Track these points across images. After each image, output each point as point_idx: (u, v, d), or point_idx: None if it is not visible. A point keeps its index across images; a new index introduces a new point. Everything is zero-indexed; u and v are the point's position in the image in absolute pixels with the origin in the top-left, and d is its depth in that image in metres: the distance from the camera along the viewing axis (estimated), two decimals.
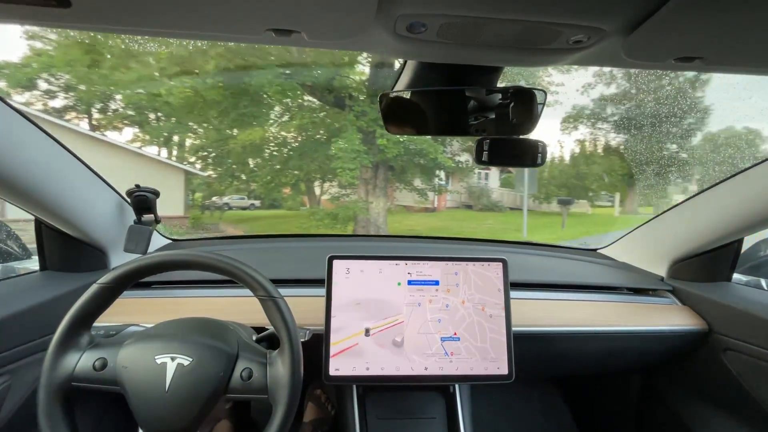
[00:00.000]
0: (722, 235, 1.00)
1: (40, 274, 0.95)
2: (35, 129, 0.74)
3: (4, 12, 0.45)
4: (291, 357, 0.63)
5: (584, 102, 20.65)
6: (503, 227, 10.71)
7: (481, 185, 16.06)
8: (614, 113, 18.22)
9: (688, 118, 20.27)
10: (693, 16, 0.42)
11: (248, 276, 0.64)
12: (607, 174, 16.43)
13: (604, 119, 18.27)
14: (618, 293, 1.14)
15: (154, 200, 1.00)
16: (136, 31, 0.52)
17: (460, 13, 0.45)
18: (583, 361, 1.09)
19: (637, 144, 19.42)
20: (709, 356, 1.04)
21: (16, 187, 0.74)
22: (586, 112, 18.38)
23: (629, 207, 18.71)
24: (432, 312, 0.87)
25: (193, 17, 0.46)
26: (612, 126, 18.06)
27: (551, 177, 16.31)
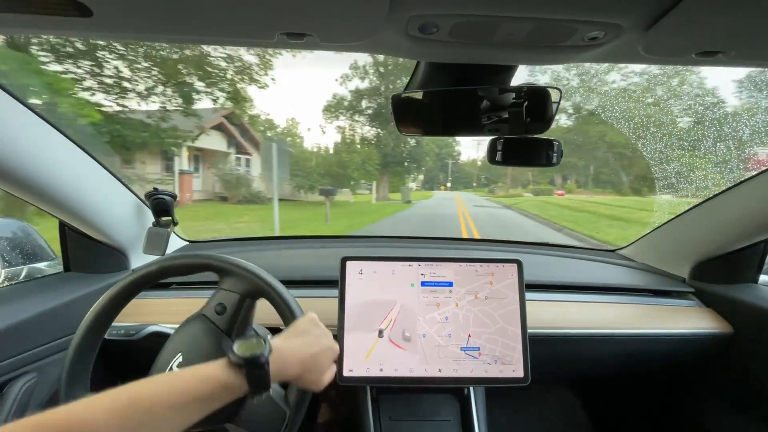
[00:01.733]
0: (748, 234, 0.96)
1: (63, 274, 0.98)
2: (58, 133, 0.77)
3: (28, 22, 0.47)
4: None
5: (343, 92, 20.29)
6: (260, 225, 9.03)
7: (240, 172, 13.60)
8: (368, 107, 19.43)
9: None
10: (714, 8, 0.41)
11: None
12: (366, 162, 16.66)
13: (360, 111, 19.50)
14: (637, 295, 1.11)
15: (171, 203, 1.03)
16: (155, 38, 0.53)
17: (472, 12, 0.44)
18: (602, 364, 1.07)
19: (387, 136, 19.16)
20: (734, 361, 1.01)
21: (41, 191, 0.77)
22: (345, 103, 19.19)
23: (382, 194, 20.58)
24: (446, 313, 0.86)
25: (208, 23, 0.47)
26: (367, 119, 19.62)
27: (316, 165, 16.07)
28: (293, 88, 43.71)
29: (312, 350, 0.58)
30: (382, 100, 19.90)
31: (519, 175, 36.29)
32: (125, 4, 0.43)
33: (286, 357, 0.54)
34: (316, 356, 0.58)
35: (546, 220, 12.26)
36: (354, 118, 19.79)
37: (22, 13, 0.44)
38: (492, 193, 36.83)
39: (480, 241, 1.52)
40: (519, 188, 33.98)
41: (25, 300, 0.81)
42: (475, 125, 0.75)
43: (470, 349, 0.85)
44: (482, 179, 55.86)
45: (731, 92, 6.97)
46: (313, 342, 0.59)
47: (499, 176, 44.34)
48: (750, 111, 9.08)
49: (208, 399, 0.46)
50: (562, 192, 29.67)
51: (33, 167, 0.73)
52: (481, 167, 59.70)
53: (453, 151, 63.04)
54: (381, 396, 0.94)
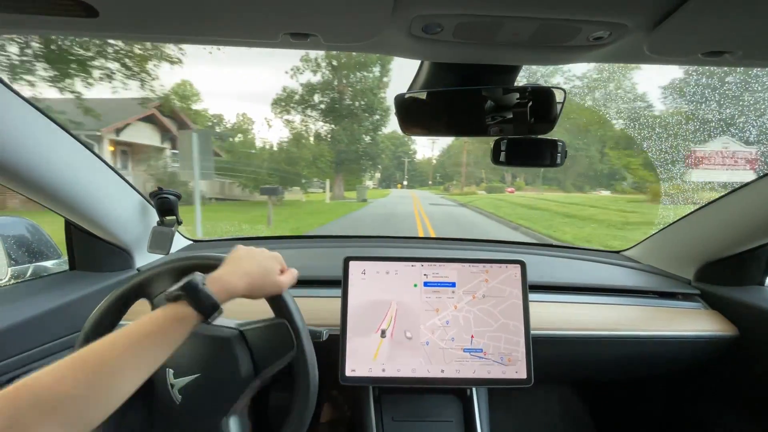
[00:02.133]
0: (754, 236, 0.95)
1: (69, 273, 0.99)
2: (64, 133, 0.78)
3: (35, 23, 0.47)
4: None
5: (294, 86, 19.58)
6: (186, 227, 8.55)
7: (176, 169, 11.95)
8: (321, 101, 19.02)
9: (375, 115, 19.62)
10: (721, 8, 0.41)
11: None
12: (317, 159, 16.05)
13: (312, 106, 18.91)
14: (642, 296, 1.10)
15: (176, 202, 1.04)
16: (160, 39, 0.53)
17: (476, 12, 0.44)
18: (606, 366, 1.06)
19: (341, 133, 18.76)
20: (740, 364, 0.99)
21: (47, 190, 0.78)
22: (296, 97, 18.58)
23: (337, 193, 19.92)
24: (446, 318, 0.86)
25: (213, 24, 0.48)
26: (320, 114, 19.20)
27: (262, 162, 15.25)
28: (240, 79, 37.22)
29: (251, 263, 0.61)
30: (335, 94, 19.35)
31: (472, 173, 37.02)
32: (131, 5, 0.43)
33: (225, 278, 0.57)
34: (259, 264, 0.62)
35: (501, 218, 12.18)
36: (306, 113, 19.18)
37: (29, 13, 0.44)
38: (447, 191, 37.00)
39: (483, 241, 1.51)
40: (473, 186, 34.42)
41: (31, 298, 0.82)
42: (478, 126, 0.75)
43: (473, 350, 0.84)
44: (437, 177, 56.30)
45: (657, 97, 7.02)
46: (249, 257, 0.62)
47: (453, 174, 44.89)
48: (673, 115, 9.13)
49: (160, 334, 0.48)
50: (512, 189, 30.36)
51: (40, 167, 0.73)
52: (436, 166, 59.98)
53: (409, 149, 62.94)
54: (383, 396, 0.94)
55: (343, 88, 19.57)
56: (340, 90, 19.52)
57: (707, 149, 9.39)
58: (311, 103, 19.23)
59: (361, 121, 20.32)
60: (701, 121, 8.93)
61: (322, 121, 19.57)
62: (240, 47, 0.56)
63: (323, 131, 19.74)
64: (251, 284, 0.59)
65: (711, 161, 9.13)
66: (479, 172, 36.69)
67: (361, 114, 20.22)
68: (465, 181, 34.09)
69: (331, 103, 19.50)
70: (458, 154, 41.25)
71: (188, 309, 0.51)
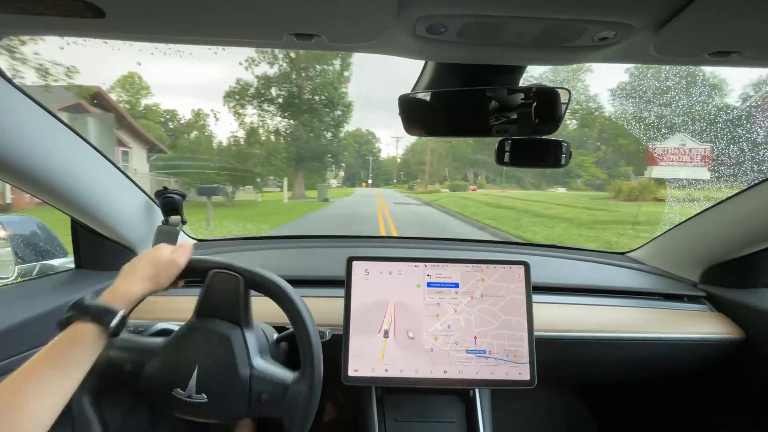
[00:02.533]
0: (761, 238, 0.94)
1: (75, 271, 1.00)
2: (71, 132, 0.78)
3: (42, 24, 0.48)
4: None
5: (249, 78, 18.54)
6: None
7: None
8: (279, 95, 17.88)
9: (336, 111, 18.82)
10: (728, 7, 0.40)
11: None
12: (271, 156, 15.18)
13: (269, 100, 17.80)
14: (648, 298, 1.10)
15: (180, 202, 1.04)
16: (166, 39, 0.54)
17: (480, 12, 0.44)
18: (610, 368, 1.05)
19: (299, 129, 17.69)
20: (746, 367, 0.98)
21: (54, 189, 0.78)
22: (251, 91, 17.40)
23: (297, 192, 18.83)
24: (452, 314, 0.86)
25: (218, 25, 0.48)
26: (278, 108, 18.04)
27: (209, 158, 14.14)
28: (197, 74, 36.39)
29: (141, 263, 0.62)
30: (294, 88, 18.21)
31: (436, 172, 36.37)
32: (137, 6, 0.43)
33: (118, 286, 0.58)
34: (149, 260, 0.63)
35: (467, 218, 11.70)
36: (263, 108, 17.93)
37: (37, 15, 0.44)
38: (411, 189, 36.36)
39: (488, 242, 1.51)
40: (437, 184, 33.74)
41: (38, 296, 0.83)
42: (483, 126, 0.75)
43: (476, 351, 0.84)
44: (402, 176, 55.20)
45: (607, 99, 7.02)
46: (139, 259, 0.64)
47: (417, 173, 43.91)
48: (621, 117, 9.25)
49: (60, 359, 0.50)
50: (474, 187, 29.97)
51: (47, 166, 0.74)
52: (401, 164, 58.63)
53: (374, 147, 62.28)
54: (386, 396, 0.94)
55: (302, 81, 18.49)
56: (299, 83, 18.49)
57: (666, 146, 9.41)
58: (268, 96, 18.31)
59: (321, 117, 19.26)
60: (647, 123, 9.17)
61: (280, 116, 18.52)
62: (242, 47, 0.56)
63: (281, 127, 18.68)
64: (148, 280, 0.61)
65: (668, 158, 9.16)
66: (443, 170, 36.47)
67: (322, 109, 19.13)
68: (429, 179, 33.82)
69: (289, 97, 18.41)
70: (422, 153, 40.75)
71: (85, 326, 0.52)
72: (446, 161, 35.34)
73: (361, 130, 62.16)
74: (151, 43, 0.59)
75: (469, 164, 34.52)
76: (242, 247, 1.32)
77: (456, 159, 34.17)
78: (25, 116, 0.69)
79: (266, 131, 18.31)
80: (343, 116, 20.06)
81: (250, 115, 17.52)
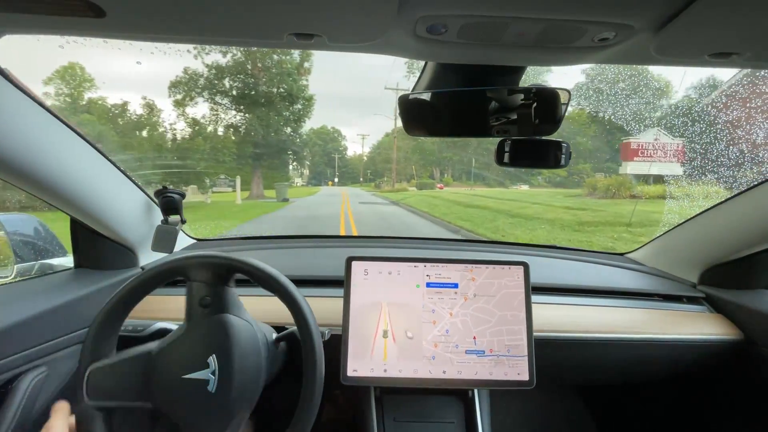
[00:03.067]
0: (760, 239, 0.94)
1: (74, 271, 1.00)
2: (70, 131, 0.78)
3: (42, 23, 0.48)
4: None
5: (199, 67, 17.09)
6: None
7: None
8: (232, 86, 16.30)
9: (296, 104, 17.35)
10: (729, 8, 0.40)
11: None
12: (218, 152, 13.66)
13: (222, 92, 16.13)
14: (647, 299, 1.10)
15: (180, 201, 1.04)
16: (167, 39, 0.54)
17: (481, 13, 0.44)
18: (609, 369, 1.05)
19: (255, 123, 16.19)
20: (745, 368, 0.99)
21: (53, 188, 0.78)
22: (201, 81, 15.72)
23: (256, 192, 17.10)
24: (445, 327, 0.86)
25: (218, 24, 0.48)
26: (231, 100, 16.47)
27: (142, 155, 13.04)
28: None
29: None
30: (249, 79, 16.62)
31: (403, 170, 35.30)
32: (138, 5, 0.43)
33: None
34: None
35: (438, 219, 10.69)
36: (215, 100, 16.26)
37: (36, 14, 0.44)
38: (378, 188, 34.67)
39: (487, 242, 1.51)
40: (404, 183, 32.54)
41: (37, 295, 0.83)
42: (483, 126, 0.75)
43: (476, 351, 0.84)
44: (368, 174, 52.94)
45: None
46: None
47: (384, 171, 42.27)
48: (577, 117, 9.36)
49: None
50: (441, 185, 29.15)
51: (46, 164, 0.74)
52: (367, 162, 56.66)
53: (340, 145, 60.67)
54: (385, 396, 0.94)
55: (258, 71, 16.79)
56: (254, 74, 16.79)
57: (640, 140, 9.20)
58: (219, 88, 16.48)
59: (279, 111, 17.43)
60: (602, 122, 9.25)
61: (235, 109, 16.94)
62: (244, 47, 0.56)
63: (234, 121, 17.03)
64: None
65: (642, 154, 8.99)
66: (410, 169, 35.68)
67: (280, 102, 17.26)
68: (396, 177, 32.30)
69: (243, 89, 16.68)
70: (389, 150, 38.84)
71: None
72: (413, 159, 34.48)
73: (326, 128, 60.86)
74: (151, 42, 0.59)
75: (435, 162, 33.94)
76: (241, 246, 1.32)
77: (423, 157, 33.51)
78: (24, 114, 0.68)
79: (214, 124, 16.42)
80: (304, 110, 18.33)
81: (196, 106, 15.82)
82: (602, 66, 8.12)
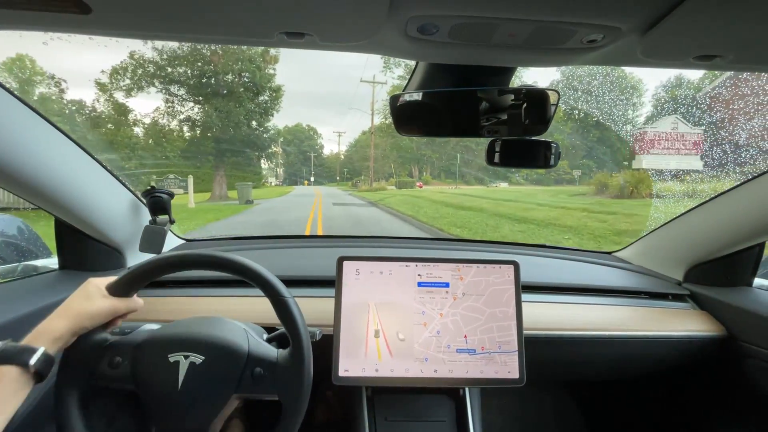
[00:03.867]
0: (743, 238, 0.97)
1: (59, 272, 0.97)
2: (54, 129, 0.76)
3: (27, 19, 0.47)
4: (301, 356, 0.63)
5: (147, 52, 14.45)
6: None
7: None
8: (186, 73, 14.40)
9: (262, 95, 15.88)
10: (713, 12, 0.41)
11: (260, 276, 0.65)
12: (159, 147, 12.01)
13: (175, 80, 14.37)
14: (633, 297, 1.12)
15: (168, 201, 1.03)
16: (153, 36, 0.53)
17: (472, 13, 0.44)
18: (597, 366, 1.07)
19: (212, 115, 14.57)
20: (728, 364, 1.01)
21: (37, 188, 0.76)
22: (150, 69, 13.99)
23: (218, 192, 15.19)
24: (442, 314, 0.86)
25: (207, 22, 0.47)
26: (187, 90, 14.67)
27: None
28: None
29: (74, 296, 0.61)
30: (207, 66, 15.03)
31: (380, 168, 33.87)
32: (124, 2, 0.42)
33: (41, 324, 0.57)
34: (72, 298, 0.61)
35: (427, 225, 9.06)
36: (169, 90, 14.45)
37: (21, 9, 0.43)
38: (355, 187, 32.34)
39: (478, 242, 1.52)
40: (382, 182, 30.59)
41: (20, 298, 0.81)
42: (473, 126, 0.75)
43: (466, 350, 0.85)
44: (345, 173, 50.66)
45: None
46: (73, 294, 0.62)
47: (361, 169, 40.10)
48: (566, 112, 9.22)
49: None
50: (420, 184, 28.00)
51: (29, 164, 0.72)
52: (344, 161, 54.10)
53: (315, 144, 59.16)
54: (376, 396, 0.94)
55: (216, 59, 15.12)
56: (213, 60, 15.16)
57: (657, 129, 8.33)
58: (173, 76, 14.52)
59: (242, 102, 15.56)
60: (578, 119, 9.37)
61: (192, 100, 14.95)
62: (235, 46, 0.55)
63: (192, 114, 15.08)
64: (73, 317, 0.58)
65: (661, 145, 8.17)
66: (388, 167, 34.39)
67: (243, 93, 15.53)
68: (373, 176, 30.51)
69: (199, 77, 14.90)
70: (365, 148, 37.62)
71: (3, 368, 0.51)
72: (391, 157, 32.93)
73: (301, 126, 59.78)
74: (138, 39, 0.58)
75: (413, 159, 32.36)
76: (232, 246, 1.31)
77: (401, 155, 31.92)
78: (5, 112, 0.67)
79: (165, 118, 14.63)
80: (271, 102, 16.41)
81: (143, 96, 13.88)
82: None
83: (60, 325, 0.57)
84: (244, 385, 0.63)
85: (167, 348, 0.63)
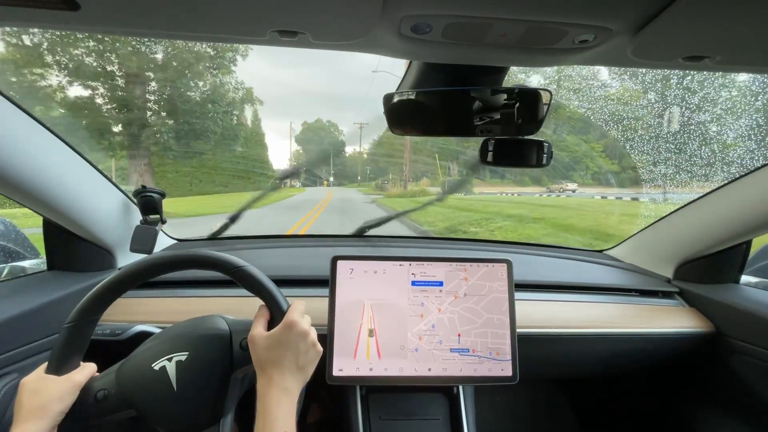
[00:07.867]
0: (730, 236, 0.99)
1: (47, 273, 0.96)
2: (42, 128, 0.75)
3: (13, 15, 0.46)
4: (279, 308, 0.62)
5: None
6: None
7: None
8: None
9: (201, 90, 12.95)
10: (701, 14, 0.42)
11: (212, 259, 0.62)
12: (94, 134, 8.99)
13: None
14: (624, 295, 1.13)
15: (159, 201, 1.01)
16: (143, 33, 0.52)
17: (465, 13, 0.45)
18: (588, 363, 1.08)
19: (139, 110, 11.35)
20: (716, 359, 1.03)
21: (24, 187, 0.75)
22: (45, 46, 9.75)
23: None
24: (436, 313, 0.86)
25: (199, 19, 0.47)
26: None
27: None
28: None
29: (22, 393, 0.56)
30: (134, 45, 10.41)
31: (412, 165, 20.26)
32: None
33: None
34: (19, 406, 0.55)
35: None
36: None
37: (8, 5, 0.42)
38: (382, 189, 21.50)
39: (471, 241, 1.53)
40: (424, 181, 19.77)
41: (7, 299, 0.79)
42: (466, 126, 0.76)
43: (460, 348, 0.85)
44: (368, 172, 38.48)
45: None
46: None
47: (387, 167, 27.42)
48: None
49: None
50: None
51: (16, 162, 0.71)
52: (366, 160, 40.83)
53: (336, 140, 52.88)
54: (370, 395, 0.94)
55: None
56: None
57: None
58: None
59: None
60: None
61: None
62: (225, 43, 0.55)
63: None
64: (39, 418, 0.53)
65: None
66: (421, 162, 21.62)
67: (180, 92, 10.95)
68: (408, 174, 19.62)
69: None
70: (391, 141, 23.43)
71: None
72: (425, 150, 19.70)
73: (321, 121, 57.75)
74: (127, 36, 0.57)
75: (452, 154, 19.26)
76: (225, 246, 1.30)
77: (440, 146, 19.05)
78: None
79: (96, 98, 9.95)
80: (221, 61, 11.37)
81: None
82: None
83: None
84: (238, 359, 0.63)
85: (148, 359, 0.61)
